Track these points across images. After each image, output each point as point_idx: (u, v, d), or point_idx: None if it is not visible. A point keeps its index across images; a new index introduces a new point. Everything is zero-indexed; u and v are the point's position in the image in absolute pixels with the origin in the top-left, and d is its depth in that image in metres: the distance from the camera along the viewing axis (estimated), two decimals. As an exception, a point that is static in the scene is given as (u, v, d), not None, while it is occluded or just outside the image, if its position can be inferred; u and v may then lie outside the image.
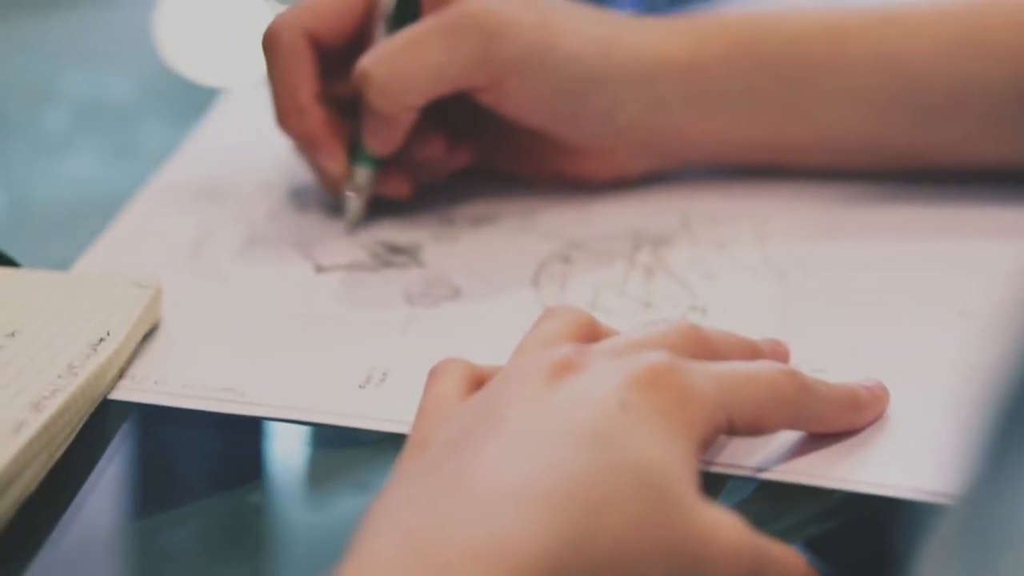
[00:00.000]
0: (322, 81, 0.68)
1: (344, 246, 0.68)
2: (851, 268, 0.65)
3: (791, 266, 0.65)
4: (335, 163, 0.68)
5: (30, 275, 0.63)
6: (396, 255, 0.67)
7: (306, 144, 0.68)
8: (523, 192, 0.71)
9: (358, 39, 0.69)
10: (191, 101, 0.84)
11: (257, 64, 0.70)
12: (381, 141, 0.67)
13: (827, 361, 0.58)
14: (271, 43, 0.68)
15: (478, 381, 0.53)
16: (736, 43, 0.69)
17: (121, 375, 0.59)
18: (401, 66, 0.65)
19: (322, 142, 0.68)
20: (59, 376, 0.56)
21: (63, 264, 0.66)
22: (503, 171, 0.72)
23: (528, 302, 0.64)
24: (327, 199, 0.71)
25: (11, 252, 0.64)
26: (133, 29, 0.96)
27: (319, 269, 0.66)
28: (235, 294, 0.64)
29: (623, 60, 0.67)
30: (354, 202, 0.69)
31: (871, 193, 0.70)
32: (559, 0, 0.68)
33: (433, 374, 0.53)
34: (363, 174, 0.68)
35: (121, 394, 0.58)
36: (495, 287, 0.65)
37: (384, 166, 0.69)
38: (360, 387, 0.58)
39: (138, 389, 0.59)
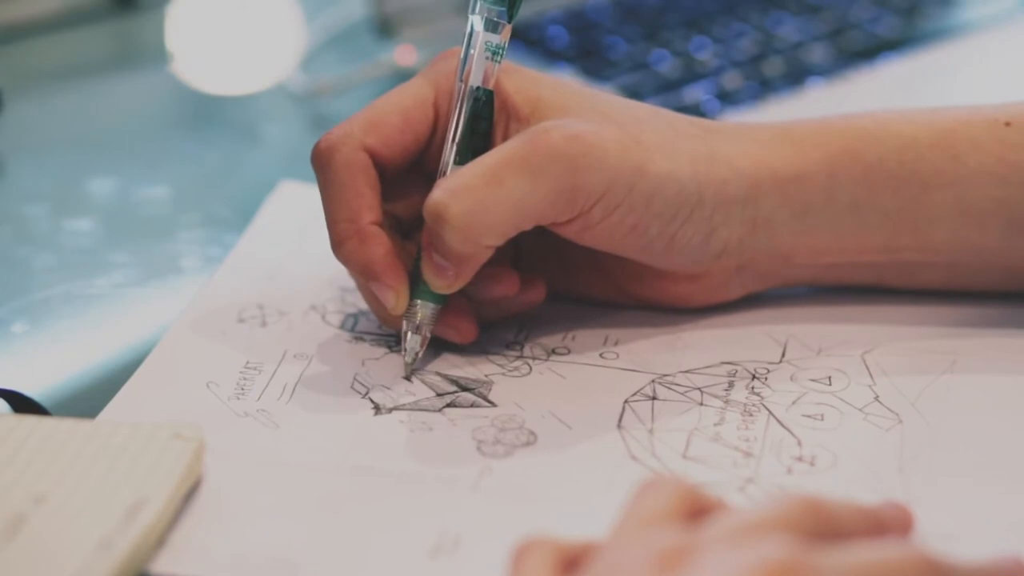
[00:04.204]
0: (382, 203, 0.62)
1: (404, 382, 0.61)
2: (976, 407, 0.59)
3: (905, 406, 0.59)
4: (397, 299, 0.61)
5: (59, 426, 0.56)
6: (462, 393, 0.61)
7: (366, 275, 0.61)
8: (601, 316, 0.65)
9: (419, 157, 0.63)
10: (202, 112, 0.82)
11: (264, 73, 0.65)
12: (449, 282, 0.60)
13: (957, 524, 0.52)
14: (327, 159, 0.61)
15: (569, 562, 0.47)
16: (842, 151, 0.62)
17: (160, 541, 0.53)
18: (481, 203, 0.58)
19: (384, 273, 0.61)
20: (92, 551, 0.50)
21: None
22: (580, 297, 0.66)
23: (613, 450, 0.57)
24: (383, 325, 0.64)
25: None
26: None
27: (378, 410, 0.60)
28: (286, 443, 0.58)
29: (722, 178, 0.61)
30: (413, 342, 0.62)
31: (993, 315, 0.63)
32: (643, 108, 0.62)
33: (518, 559, 0.47)
34: (425, 312, 0.61)
35: (161, 566, 0.52)
36: (575, 432, 0.58)
37: (447, 303, 0.62)
38: (430, 557, 0.52)
39: (180, 560, 0.52)
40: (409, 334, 0.61)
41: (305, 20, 1.00)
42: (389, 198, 0.62)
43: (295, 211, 0.73)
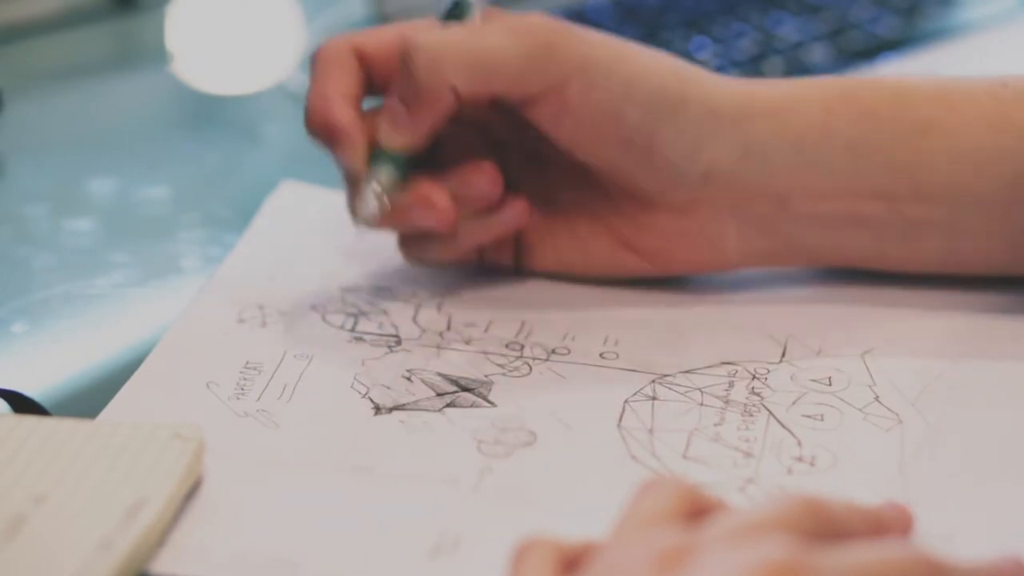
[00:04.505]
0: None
1: (404, 382, 0.61)
2: (976, 407, 0.59)
3: (905, 406, 0.59)
4: (353, 153, 0.62)
5: (59, 426, 0.56)
6: (462, 393, 0.61)
7: (326, 136, 0.62)
8: (601, 316, 0.65)
9: None
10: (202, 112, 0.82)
11: (264, 73, 0.65)
12: (404, 130, 0.61)
13: (957, 524, 0.52)
14: (317, 55, 0.64)
15: (569, 562, 0.47)
16: (839, 93, 0.62)
17: (160, 541, 0.53)
18: (456, 42, 0.60)
19: (342, 133, 0.62)
20: (92, 551, 0.50)
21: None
22: (568, 265, 0.66)
23: (613, 450, 0.57)
24: (383, 324, 0.65)
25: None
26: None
27: (378, 410, 0.60)
28: (286, 443, 0.58)
29: (707, 89, 0.61)
30: (371, 196, 0.61)
31: (993, 315, 0.63)
32: None
33: (518, 559, 0.47)
34: (383, 172, 0.62)
35: (161, 566, 0.52)
36: (575, 432, 0.58)
37: (410, 174, 0.62)
38: (430, 558, 0.52)
39: (180, 560, 0.52)
40: (367, 188, 0.62)
41: (305, 20, 1.00)
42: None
43: (295, 211, 0.73)
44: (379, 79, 0.64)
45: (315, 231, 0.72)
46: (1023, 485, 0.55)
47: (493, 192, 0.63)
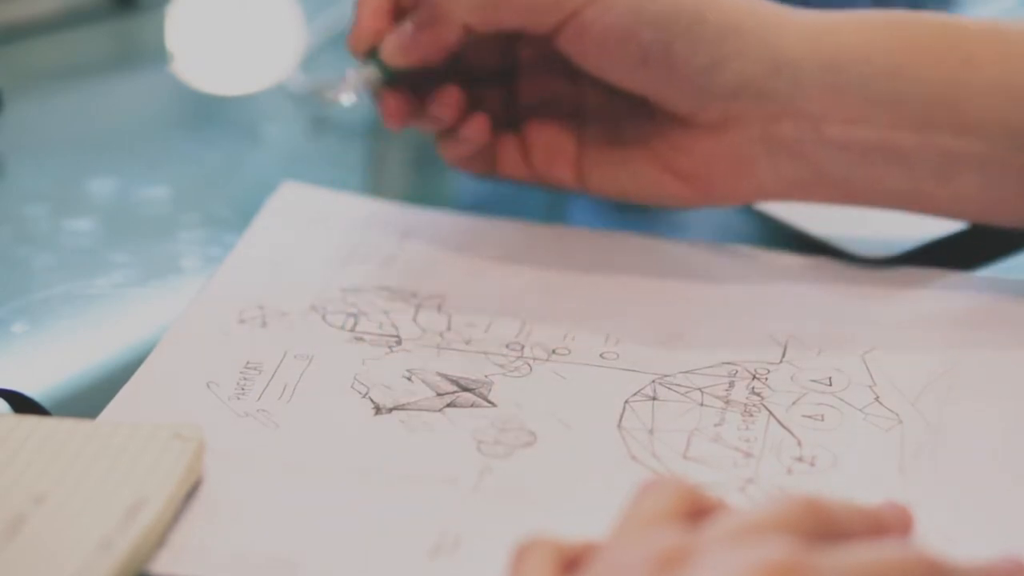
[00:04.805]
0: None
1: (404, 382, 0.61)
2: (976, 407, 0.59)
3: (905, 406, 0.59)
4: (356, 38, 0.66)
5: (59, 426, 0.56)
6: (462, 392, 0.61)
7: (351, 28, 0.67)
8: (601, 316, 0.65)
9: None
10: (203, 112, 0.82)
11: (264, 73, 0.67)
12: (403, 49, 0.65)
13: (957, 524, 0.52)
14: None
15: (569, 563, 0.47)
16: (882, 23, 0.61)
17: (160, 541, 0.53)
18: None
19: (364, 11, 0.66)
20: (91, 552, 0.50)
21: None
22: (620, 188, 0.67)
23: (613, 451, 0.57)
24: (383, 324, 0.65)
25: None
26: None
27: (378, 410, 0.60)
28: (286, 443, 0.58)
29: (728, 7, 0.61)
30: (350, 81, 0.67)
31: (994, 315, 0.63)
32: None
33: (518, 559, 0.47)
34: (372, 69, 0.67)
35: (161, 566, 0.52)
36: (576, 432, 0.58)
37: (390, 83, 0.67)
38: (430, 558, 0.52)
39: (180, 560, 0.52)
40: (349, 73, 0.67)
41: (305, 20, 0.99)
42: None
43: (296, 212, 0.73)
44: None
45: (315, 231, 0.72)
46: (1023, 485, 0.55)
47: (444, 113, 0.67)
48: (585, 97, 0.68)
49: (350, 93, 0.68)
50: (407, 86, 0.67)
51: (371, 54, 0.67)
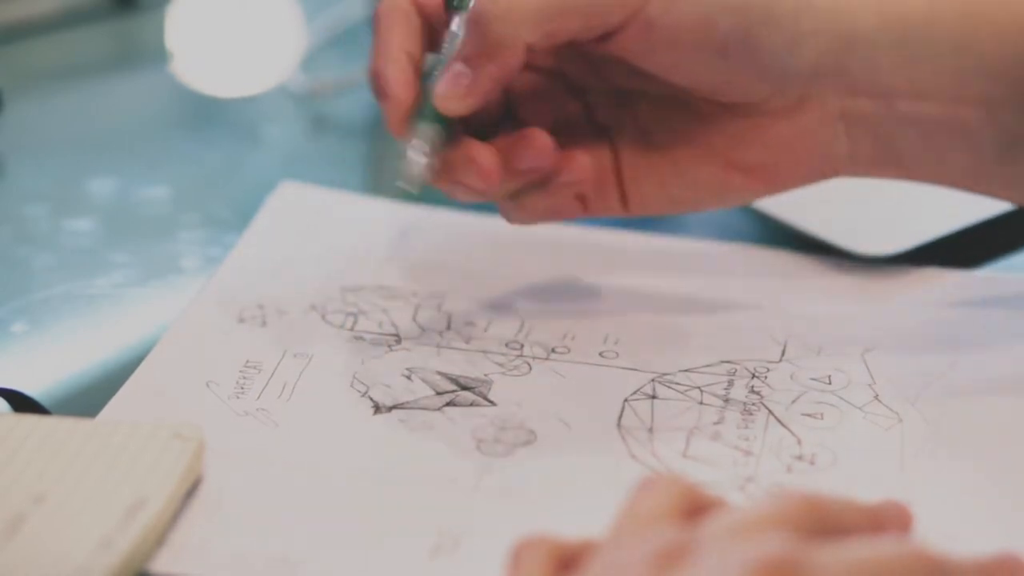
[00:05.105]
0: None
1: (404, 380, 0.61)
2: (975, 406, 0.59)
3: (905, 405, 0.59)
4: (394, 111, 0.59)
5: (59, 425, 0.56)
6: (462, 391, 0.61)
7: (375, 87, 0.60)
8: (601, 316, 0.65)
9: None
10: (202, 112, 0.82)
11: (264, 73, 0.65)
12: (463, 90, 0.58)
13: (956, 523, 0.52)
14: (377, 10, 0.61)
15: (567, 561, 0.47)
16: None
17: (160, 541, 0.53)
18: None
19: (389, 83, 0.59)
20: (91, 551, 0.50)
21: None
22: (675, 202, 0.63)
23: (613, 449, 0.57)
24: (383, 323, 0.65)
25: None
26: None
27: (377, 409, 0.60)
28: (286, 442, 0.58)
29: None
30: (413, 156, 0.58)
31: (993, 315, 0.63)
32: None
33: (517, 558, 0.47)
34: (430, 131, 0.58)
35: (161, 566, 0.52)
36: (575, 431, 0.58)
37: (454, 137, 0.59)
38: (430, 557, 0.52)
39: (180, 560, 0.52)
40: (411, 147, 0.58)
41: (305, 20, 0.99)
42: None
43: (295, 211, 0.73)
44: (440, 33, 0.61)
45: (315, 231, 0.72)
46: (1022, 484, 0.55)
47: (542, 163, 0.60)
48: (605, 110, 0.63)
49: (415, 174, 0.58)
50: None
51: (421, 116, 0.59)
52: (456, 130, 0.59)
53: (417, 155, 0.58)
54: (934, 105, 0.60)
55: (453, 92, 0.58)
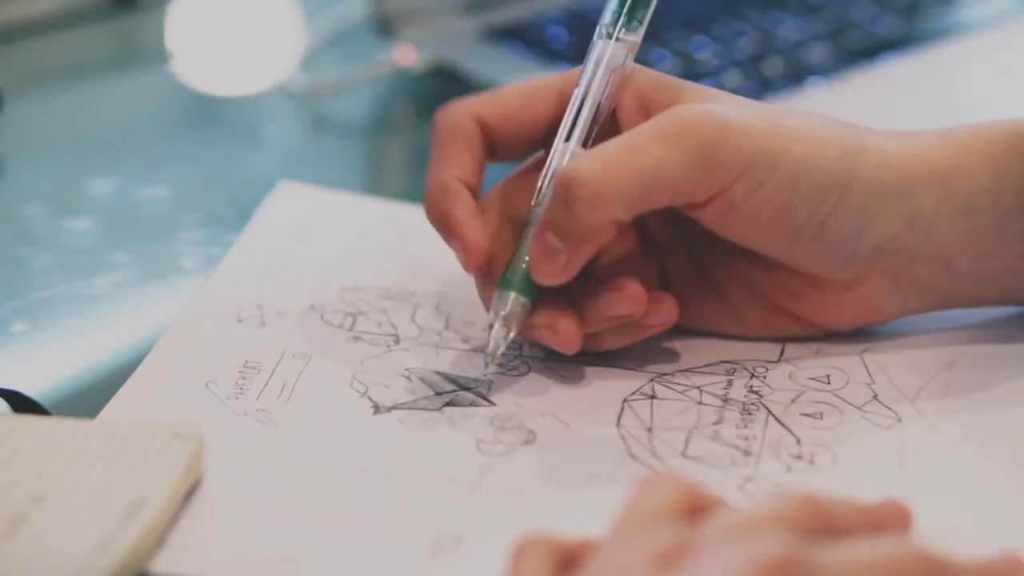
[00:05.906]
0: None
1: (403, 380, 0.61)
2: (975, 405, 0.59)
3: (904, 404, 0.59)
4: (468, 256, 0.59)
5: (59, 426, 0.56)
6: (461, 391, 0.61)
7: (443, 229, 0.60)
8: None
9: (538, 142, 0.62)
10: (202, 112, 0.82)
11: (264, 73, 0.65)
12: (558, 268, 0.58)
13: (956, 522, 0.52)
14: (438, 121, 0.61)
15: (567, 561, 0.47)
16: (1006, 146, 0.59)
17: (160, 541, 0.53)
18: (614, 166, 0.56)
19: (458, 226, 0.60)
20: (91, 551, 0.50)
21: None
22: (715, 327, 0.63)
23: (612, 449, 0.57)
24: (381, 323, 0.65)
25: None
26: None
27: (377, 409, 0.60)
28: (285, 442, 0.58)
29: (873, 167, 0.58)
30: (497, 334, 0.59)
31: (992, 314, 0.63)
32: (788, 106, 0.61)
33: (516, 558, 0.47)
34: (516, 303, 0.59)
35: (161, 566, 0.52)
36: (574, 431, 0.58)
37: (538, 302, 0.59)
38: (430, 557, 0.52)
39: (180, 560, 0.52)
40: (495, 326, 0.59)
41: (305, 20, 1.00)
42: (507, 196, 0.62)
43: (294, 211, 0.73)
44: (502, 148, 0.62)
45: (313, 230, 0.72)
46: (1022, 483, 0.55)
47: (635, 311, 0.60)
48: (658, 228, 0.63)
49: (498, 344, 0.59)
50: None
51: (504, 282, 0.59)
52: (539, 294, 0.60)
53: (503, 330, 0.59)
54: (997, 262, 0.61)
55: (549, 270, 0.58)
